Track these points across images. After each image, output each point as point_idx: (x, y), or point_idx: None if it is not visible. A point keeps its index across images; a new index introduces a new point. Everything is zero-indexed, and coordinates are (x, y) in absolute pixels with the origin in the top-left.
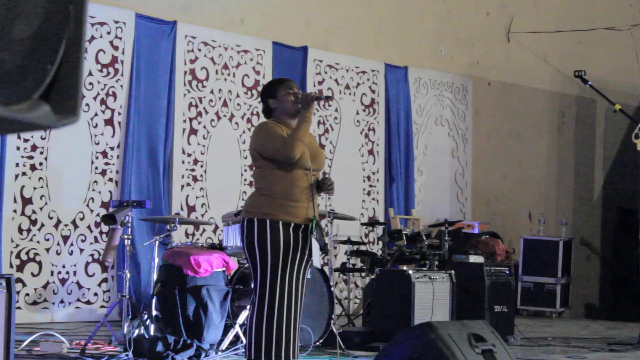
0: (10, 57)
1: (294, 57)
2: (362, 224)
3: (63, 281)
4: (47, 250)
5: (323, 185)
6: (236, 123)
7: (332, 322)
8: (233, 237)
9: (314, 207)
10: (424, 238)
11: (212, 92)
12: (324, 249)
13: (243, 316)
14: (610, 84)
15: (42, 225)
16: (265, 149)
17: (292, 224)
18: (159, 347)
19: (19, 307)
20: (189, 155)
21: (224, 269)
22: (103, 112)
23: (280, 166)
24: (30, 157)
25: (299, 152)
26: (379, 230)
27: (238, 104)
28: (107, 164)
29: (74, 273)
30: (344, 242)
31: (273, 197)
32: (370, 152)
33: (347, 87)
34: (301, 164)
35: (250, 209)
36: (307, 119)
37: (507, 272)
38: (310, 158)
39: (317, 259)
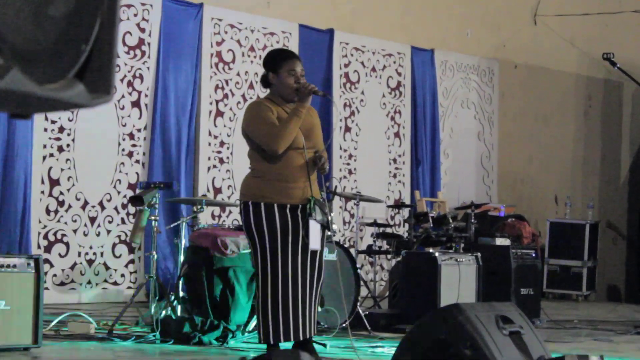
0: (46, 36)
1: (320, 39)
2: (388, 207)
3: (90, 262)
4: (75, 231)
5: (316, 163)
6: None
7: (358, 304)
8: None
9: (311, 186)
10: (450, 220)
11: (238, 74)
12: (327, 227)
13: None
14: (638, 67)
15: (70, 206)
16: (252, 134)
17: (288, 206)
18: (186, 327)
19: (46, 288)
20: (216, 137)
21: (251, 250)
22: (130, 94)
23: None
24: (58, 139)
25: (284, 147)
26: (405, 212)
27: None
28: (133, 145)
29: (101, 254)
30: (370, 225)
31: (266, 179)
32: (397, 134)
33: (373, 69)
34: (292, 145)
35: (245, 191)
36: (300, 113)
37: (534, 254)
38: (304, 135)
39: (316, 242)
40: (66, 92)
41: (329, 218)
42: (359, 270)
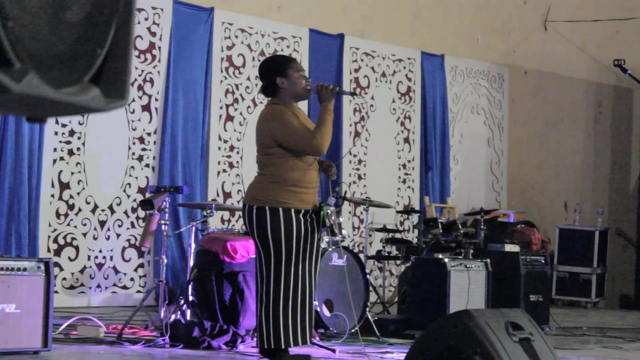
0: (62, 41)
1: (331, 44)
2: (398, 212)
3: (100, 266)
4: (84, 235)
5: (328, 170)
6: None
7: (367, 309)
8: None
9: (318, 192)
10: (460, 226)
11: (248, 78)
12: (332, 231)
13: None
14: None
15: (80, 210)
16: (288, 139)
17: (302, 211)
18: (196, 332)
19: (56, 291)
20: (225, 141)
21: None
22: (140, 98)
23: (294, 154)
24: (68, 142)
25: (327, 146)
26: (415, 218)
27: None
28: (144, 149)
29: (111, 258)
30: (380, 230)
31: (285, 184)
32: (406, 140)
33: (384, 75)
34: None
35: (260, 196)
36: (331, 112)
37: (543, 261)
38: None
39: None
40: (82, 96)
41: (330, 222)
42: (368, 276)
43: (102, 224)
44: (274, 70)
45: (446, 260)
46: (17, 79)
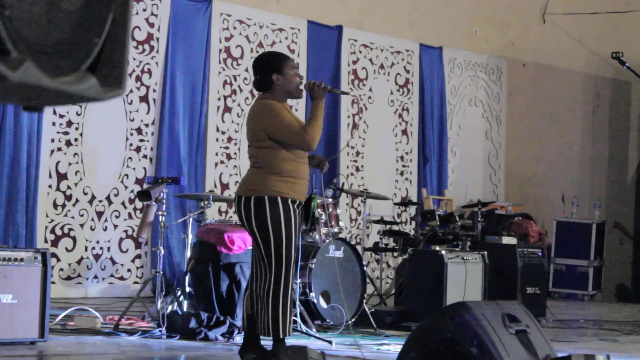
0: (59, 30)
1: (329, 36)
2: (395, 204)
3: (97, 257)
4: (82, 225)
5: (321, 165)
6: None
7: (364, 301)
8: None
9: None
10: (457, 219)
11: (246, 70)
12: (318, 223)
13: None
14: None
15: (77, 200)
16: (280, 133)
17: (297, 201)
18: (192, 323)
19: (53, 282)
20: (223, 133)
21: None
22: (138, 88)
23: (286, 147)
24: (66, 133)
25: (317, 141)
26: (412, 210)
27: None
28: (141, 140)
29: (108, 249)
30: (377, 222)
31: (282, 175)
32: (404, 132)
33: (382, 66)
34: None
35: (258, 187)
36: (322, 108)
37: (540, 254)
38: None
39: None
40: (79, 85)
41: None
42: (365, 268)
43: (100, 214)
44: (272, 66)
45: (443, 252)
46: (14, 67)
